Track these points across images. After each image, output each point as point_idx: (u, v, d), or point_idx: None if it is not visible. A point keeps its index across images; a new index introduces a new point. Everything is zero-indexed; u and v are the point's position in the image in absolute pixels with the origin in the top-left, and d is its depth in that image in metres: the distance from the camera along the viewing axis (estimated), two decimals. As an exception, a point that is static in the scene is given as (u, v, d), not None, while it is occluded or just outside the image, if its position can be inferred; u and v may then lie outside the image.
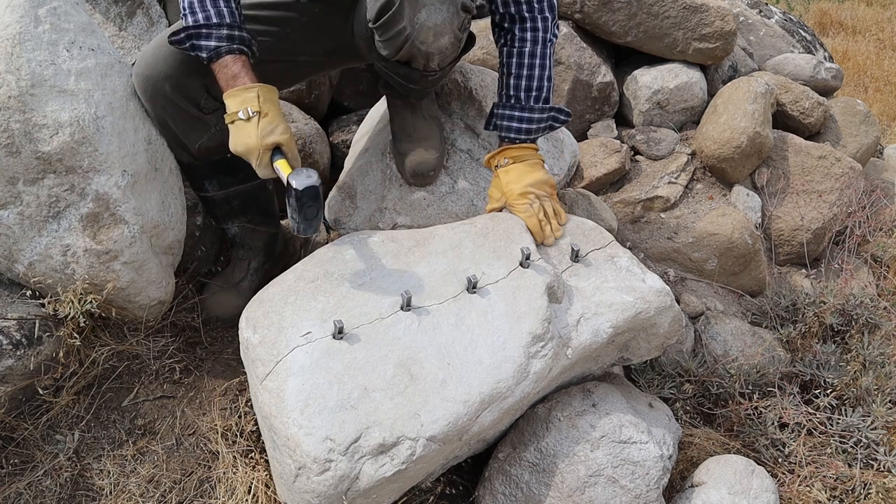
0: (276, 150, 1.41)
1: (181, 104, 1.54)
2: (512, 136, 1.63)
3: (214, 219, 1.80)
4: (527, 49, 1.59)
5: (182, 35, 1.43)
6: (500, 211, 1.63)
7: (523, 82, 1.60)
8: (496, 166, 1.64)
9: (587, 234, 1.63)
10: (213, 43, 1.42)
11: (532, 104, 1.61)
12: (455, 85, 1.87)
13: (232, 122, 1.41)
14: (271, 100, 1.42)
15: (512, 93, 1.61)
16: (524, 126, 1.62)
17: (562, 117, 1.67)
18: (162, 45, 1.51)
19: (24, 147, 1.38)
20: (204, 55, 1.43)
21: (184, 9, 1.45)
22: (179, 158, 1.67)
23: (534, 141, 1.65)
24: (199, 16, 1.42)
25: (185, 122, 1.57)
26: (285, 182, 1.37)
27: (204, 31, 1.42)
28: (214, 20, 1.42)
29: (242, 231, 1.78)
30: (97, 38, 1.53)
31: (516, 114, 1.61)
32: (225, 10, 1.44)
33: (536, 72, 1.60)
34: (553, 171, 1.88)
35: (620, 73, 2.56)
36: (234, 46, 1.43)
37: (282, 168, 1.40)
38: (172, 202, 1.65)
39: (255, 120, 1.39)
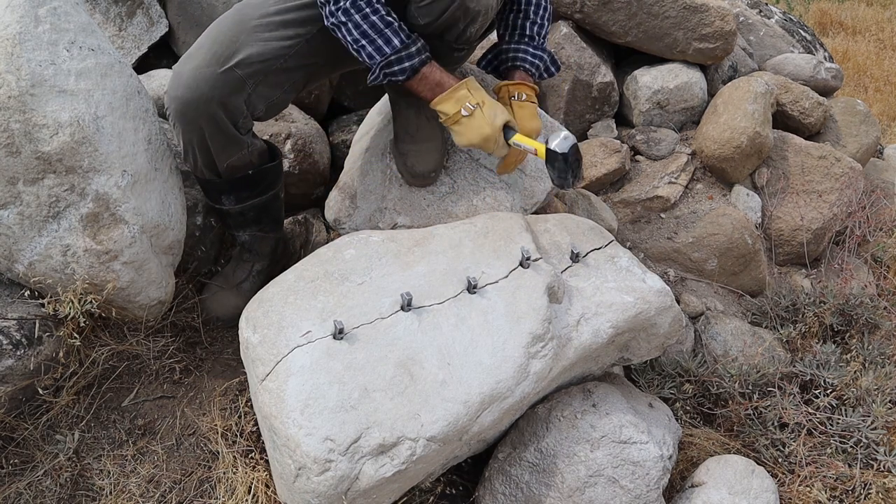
0: (505, 128, 1.55)
1: (221, 125, 1.51)
2: (528, 66, 1.73)
3: (226, 227, 1.79)
4: (534, 2, 1.74)
5: (378, 73, 1.50)
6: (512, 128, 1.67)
7: (537, 24, 1.73)
8: (511, 97, 1.70)
9: (587, 234, 1.63)
10: (406, 65, 1.49)
11: (542, 44, 1.74)
12: (455, 85, 1.87)
13: (456, 122, 1.53)
14: (478, 89, 1.55)
15: (528, 32, 1.73)
16: (537, 62, 1.74)
17: (553, 69, 1.82)
18: (201, 66, 1.48)
19: (24, 147, 1.38)
20: (401, 78, 1.51)
21: (355, 43, 1.48)
22: (200, 176, 1.65)
23: (538, 81, 1.78)
24: (383, 47, 1.47)
25: (220, 143, 1.55)
26: (535, 152, 1.52)
27: (394, 58, 1.48)
28: (397, 44, 1.47)
29: (252, 238, 1.78)
30: (97, 38, 1.53)
31: (531, 49, 1.73)
32: (397, 28, 1.47)
33: (545, 21, 1.75)
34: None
35: (620, 73, 2.56)
36: (424, 57, 1.51)
37: (524, 142, 1.54)
38: (172, 202, 1.65)
39: (478, 111, 1.52)
